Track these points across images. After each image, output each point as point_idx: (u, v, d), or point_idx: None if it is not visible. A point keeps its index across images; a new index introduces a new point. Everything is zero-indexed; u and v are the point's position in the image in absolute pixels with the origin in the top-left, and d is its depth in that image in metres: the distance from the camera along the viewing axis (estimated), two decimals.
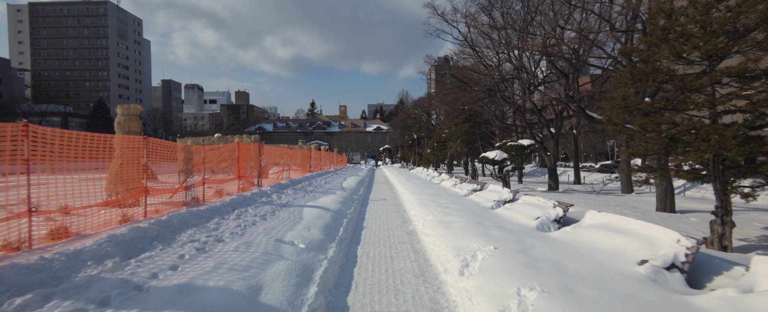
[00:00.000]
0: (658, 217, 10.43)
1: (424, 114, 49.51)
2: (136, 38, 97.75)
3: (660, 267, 3.76)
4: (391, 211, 9.81)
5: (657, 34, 6.86)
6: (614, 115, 7.29)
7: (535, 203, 7.47)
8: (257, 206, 7.43)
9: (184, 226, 5.31)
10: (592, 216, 5.55)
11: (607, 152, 58.23)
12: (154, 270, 3.55)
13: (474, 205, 9.22)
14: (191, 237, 4.81)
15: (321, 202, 8.90)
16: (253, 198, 8.20)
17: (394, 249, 5.94)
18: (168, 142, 7.22)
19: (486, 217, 7.16)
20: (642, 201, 13.96)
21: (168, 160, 7.70)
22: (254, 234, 5.21)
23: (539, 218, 6.47)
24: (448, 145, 28.27)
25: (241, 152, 10.39)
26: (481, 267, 4.17)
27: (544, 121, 19.45)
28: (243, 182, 11.15)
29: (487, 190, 10.77)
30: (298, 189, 11.34)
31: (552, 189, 18.74)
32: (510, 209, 7.81)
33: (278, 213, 6.96)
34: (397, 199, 12.80)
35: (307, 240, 5.29)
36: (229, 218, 6.19)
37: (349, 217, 8.11)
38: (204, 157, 8.39)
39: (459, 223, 6.53)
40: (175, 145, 7.34)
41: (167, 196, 7.78)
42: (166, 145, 6.96)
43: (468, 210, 8.16)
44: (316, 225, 6.32)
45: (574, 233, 5.31)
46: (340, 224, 7.13)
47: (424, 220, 7.63)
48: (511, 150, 16.88)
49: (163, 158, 7.54)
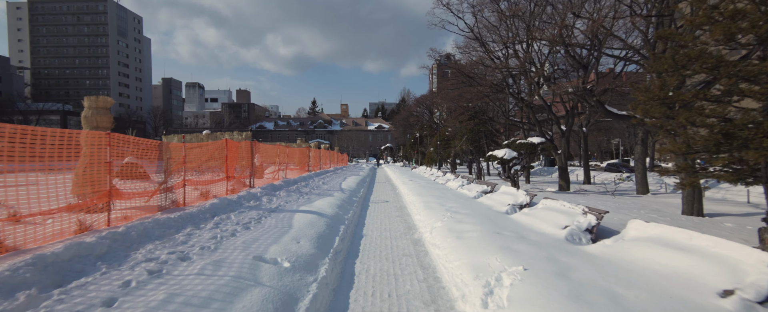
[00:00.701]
0: (689, 221, 9.45)
1: (427, 112, 48.56)
2: (136, 36, 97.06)
3: (753, 301, 2.83)
4: (394, 215, 8.90)
5: (704, 12, 5.90)
6: (651, 108, 6.33)
7: (558, 208, 6.53)
8: (242, 212, 6.53)
9: (145, 239, 4.41)
10: (637, 227, 4.61)
11: (612, 151, 57.11)
12: (78, 308, 2.65)
13: (486, 209, 8.29)
14: (149, 254, 3.91)
15: (316, 205, 8.00)
16: (239, 202, 7.29)
17: (398, 264, 5.03)
18: (140, 138, 6.33)
19: (503, 225, 6.24)
20: (662, 203, 12.99)
21: (147, 159, 6.82)
22: (230, 249, 4.30)
23: (568, 227, 5.54)
24: (452, 144, 27.32)
25: (229, 151, 9.49)
26: (510, 297, 3.25)
27: (554, 117, 18.46)
28: (233, 183, 10.26)
29: (499, 192, 9.84)
30: (292, 190, 10.44)
31: (563, 189, 17.78)
32: (529, 215, 6.87)
33: (265, 220, 6.05)
34: (399, 201, 11.89)
35: (294, 256, 4.38)
36: (205, 227, 5.29)
37: (346, 223, 7.20)
38: (185, 156, 7.50)
39: (473, 233, 5.61)
40: (148, 142, 6.45)
41: (143, 199, 6.91)
42: (136, 142, 6.07)
43: (481, 216, 7.24)
44: (307, 235, 5.41)
45: (618, 249, 4.37)
46: (336, 232, 6.22)
47: (431, 227, 6.72)
48: (520, 148, 15.92)
49: (138, 156, 6.66)
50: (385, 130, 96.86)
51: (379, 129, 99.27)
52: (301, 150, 19.62)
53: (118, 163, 6.64)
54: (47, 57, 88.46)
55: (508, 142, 17.50)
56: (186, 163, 7.53)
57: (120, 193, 5.83)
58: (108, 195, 5.45)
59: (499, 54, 19.37)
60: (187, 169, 8.10)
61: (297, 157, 18.94)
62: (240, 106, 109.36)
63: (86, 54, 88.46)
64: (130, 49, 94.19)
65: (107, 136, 5.47)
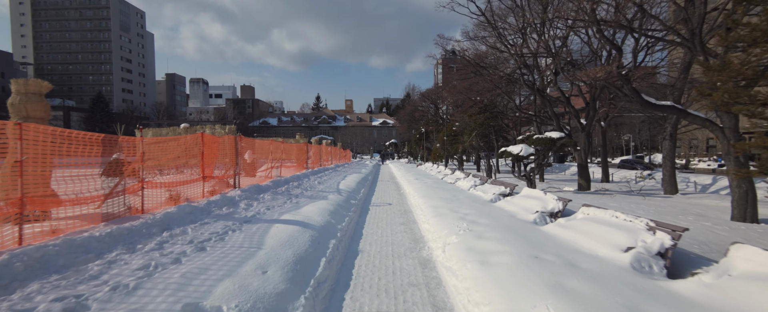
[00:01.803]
0: (750, 231, 7.90)
1: (432, 106, 46.97)
2: (139, 31, 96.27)
3: None
4: (398, 223, 7.51)
5: None
6: (732, 92, 4.84)
7: (608, 220, 5.08)
8: (205, 223, 5.17)
9: (36, 272, 3.07)
10: (749, 255, 3.18)
11: (622, 147, 55.05)
12: None
13: (509, 218, 6.85)
14: (17, 306, 2.55)
15: (304, 212, 6.64)
16: (208, 209, 5.94)
17: (402, 300, 3.65)
18: (77, 132, 5.00)
19: (539, 244, 4.81)
20: (700, 205, 11.41)
21: (85, 156, 5.49)
22: (156, 290, 2.95)
23: (632, 250, 4.11)
24: (460, 139, 25.81)
25: (206, 146, 8.15)
26: None
27: (573, 110, 16.87)
28: (214, 184, 8.94)
29: (521, 196, 8.39)
30: (280, 192, 9.09)
31: (583, 189, 16.25)
32: (567, 228, 5.44)
33: (231, 236, 4.70)
34: (404, 203, 10.50)
35: (252, 299, 3.01)
36: (143, 249, 3.94)
37: (339, 235, 5.83)
38: (143, 153, 6.17)
39: (503, 256, 4.21)
40: (87, 136, 5.10)
41: (94, 205, 5.61)
42: (62, 135, 4.72)
43: (505, 227, 5.82)
44: (280, 259, 4.04)
45: (727, 292, 2.94)
46: (322, 251, 4.85)
47: (444, 243, 5.33)
48: (538, 143, 14.41)
49: (68, 153, 5.32)
50: (390, 126, 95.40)
51: (383, 125, 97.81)
52: (299, 146, 18.26)
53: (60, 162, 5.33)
54: (50, 52, 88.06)
55: (523, 137, 15.98)
56: (144, 161, 6.19)
57: (42, 201, 4.51)
58: (19, 204, 4.13)
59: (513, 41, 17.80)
60: (148, 168, 6.77)
61: (294, 153, 17.61)
62: (244, 102, 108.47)
63: (89, 49, 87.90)
64: (133, 44, 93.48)
65: (18, 127, 4.14)
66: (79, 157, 5.34)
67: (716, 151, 40.57)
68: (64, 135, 4.90)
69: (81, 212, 5.25)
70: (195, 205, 5.86)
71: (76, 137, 5.16)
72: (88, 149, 5.24)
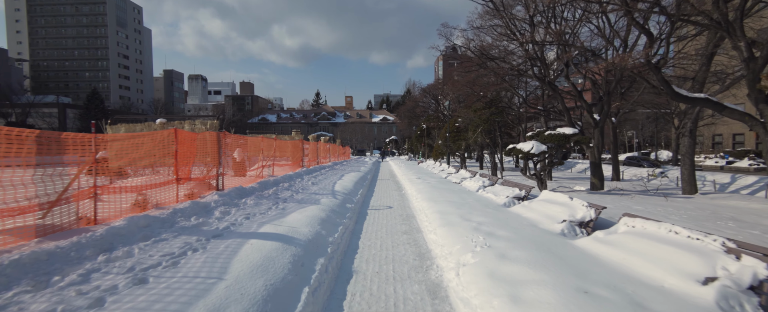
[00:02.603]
0: None
1: (433, 101, 45.89)
2: (137, 27, 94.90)
3: None
4: (399, 232, 6.50)
5: None
6: None
7: (662, 236, 4.05)
8: (159, 241, 4.15)
9: None
10: None
11: (626, 143, 53.93)
12: None
13: (531, 228, 5.82)
14: None
15: (290, 222, 5.62)
16: (170, 219, 4.92)
17: None
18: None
19: (581, 268, 3.79)
20: (728, 207, 10.35)
21: (12, 156, 4.48)
22: None
23: (715, 282, 3.08)
24: (464, 136, 24.74)
25: (180, 144, 7.12)
26: None
27: (585, 104, 15.80)
28: (192, 186, 7.93)
29: (540, 200, 7.36)
30: (265, 196, 8.06)
31: (596, 188, 15.24)
32: (609, 244, 4.40)
33: (187, 260, 3.68)
34: (407, 206, 9.48)
35: None
36: (56, 284, 2.91)
37: (329, 252, 4.81)
38: (94, 153, 5.15)
39: (540, 291, 3.18)
40: (13, 132, 4.09)
41: (37, 214, 4.61)
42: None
43: (531, 242, 4.80)
44: (246, 296, 3.03)
45: None
46: (306, 278, 3.83)
47: (457, 263, 4.31)
48: (550, 140, 13.36)
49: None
50: (390, 122, 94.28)
51: (383, 121, 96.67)
52: (294, 143, 17.23)
53: None
54: (46, 49, 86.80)
55: (533, 133, 14.94)
56: (97, 162, 5.18)
57: None
58: None
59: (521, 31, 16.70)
60: (110, 170, 5.76)
61: (289, 151, 16.59)
62: (243, 99, 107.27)
63: (85, 45, 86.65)
64: (130, 40, 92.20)
65: None
66: (11, 158, 4.34)
67: (723, 148, 39.48)
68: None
69: (14, 224, 4.25)
70: (155, 216, 4.83)
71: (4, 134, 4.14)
72: (17, 148, 4.22)
